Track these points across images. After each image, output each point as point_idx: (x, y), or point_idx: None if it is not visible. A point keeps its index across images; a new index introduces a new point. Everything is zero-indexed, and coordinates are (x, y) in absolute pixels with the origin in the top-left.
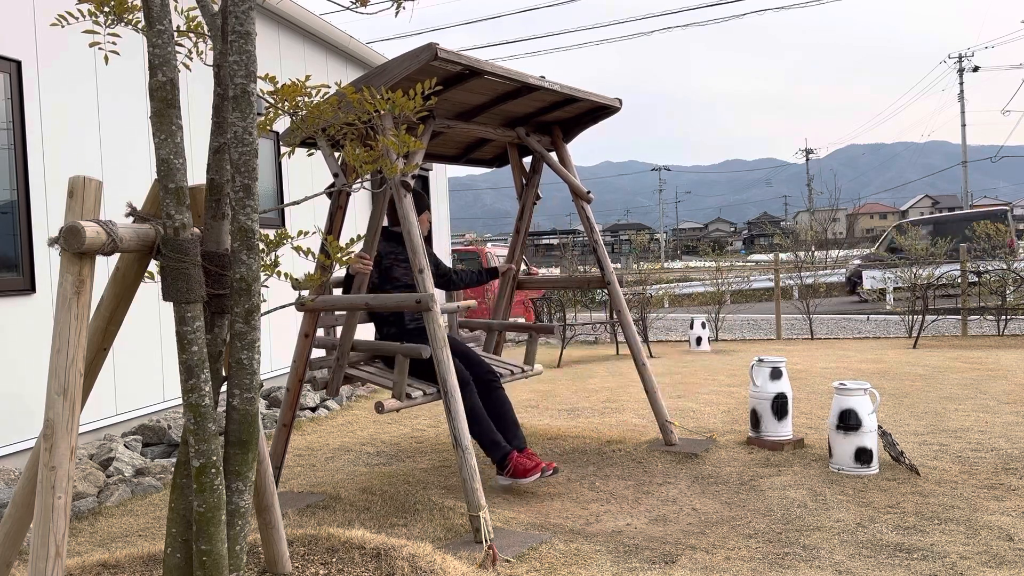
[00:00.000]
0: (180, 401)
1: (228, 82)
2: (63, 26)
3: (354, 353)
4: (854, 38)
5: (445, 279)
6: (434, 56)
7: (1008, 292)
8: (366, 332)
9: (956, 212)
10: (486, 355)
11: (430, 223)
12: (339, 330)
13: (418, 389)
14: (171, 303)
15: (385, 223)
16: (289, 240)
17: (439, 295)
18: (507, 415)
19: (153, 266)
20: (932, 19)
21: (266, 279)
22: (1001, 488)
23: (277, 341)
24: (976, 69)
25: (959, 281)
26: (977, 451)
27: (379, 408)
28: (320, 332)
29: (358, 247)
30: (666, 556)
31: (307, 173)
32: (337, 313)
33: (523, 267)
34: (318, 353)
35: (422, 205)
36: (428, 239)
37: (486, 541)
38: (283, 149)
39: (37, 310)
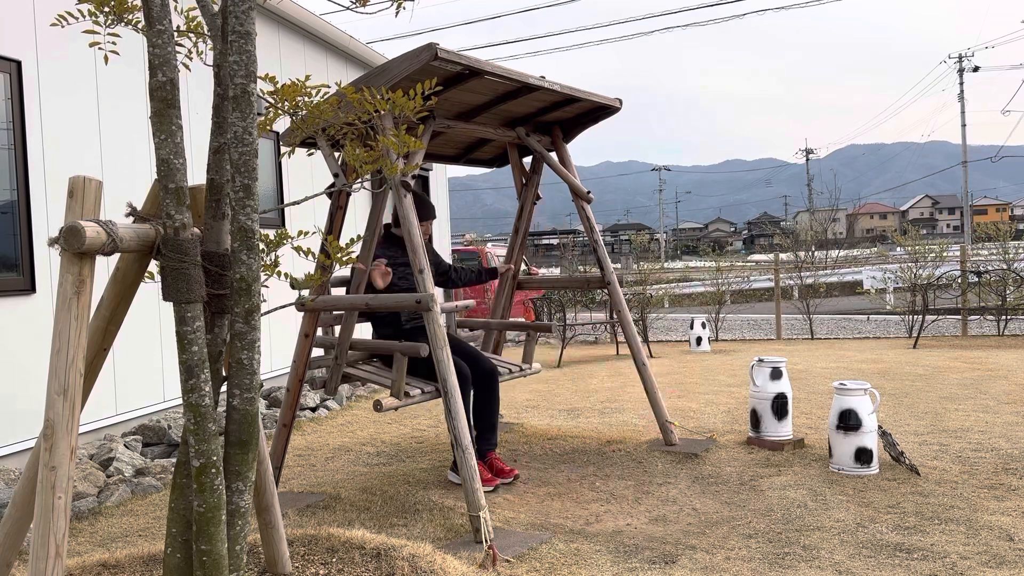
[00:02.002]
0: (180, 401)
1: (228, 82)
2: (63, 26)
3: (353, 352)
4: (854, 38)
5: (444, 277)
6: (434, 56)
7: (1008, 292)
8: (364, 331)
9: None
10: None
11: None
12: (338, 329)
13: (416, 388)
14: (171, 303)
15: (388, 223)
16: (289, 240)
17: (438, 294)
18: (492, 415)
19: (153, 266)
20: (932, 19)
21: (266, 279)
22: (1001, 488)
23: (277, 341)
24: (976, 69)
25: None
26: (977, 451)
27: (377, 407)
28: (319, 332)
29: (358, 247)
30: (666, 556)
31: (307, 173)
32: (336, 313)
33: (523, 267)
34: (317, 352)
35: (427, 213)
36: (428, 243)
37: (486, 541)
38: (283, 149)
39: (37, 310)
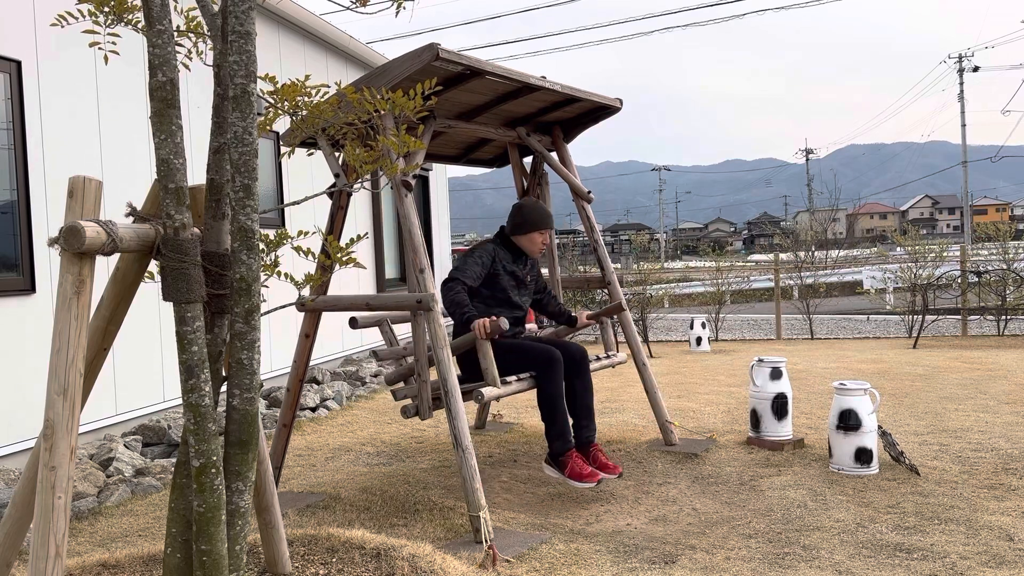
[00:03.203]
0: (180, 401)
1: (228, 82)
2: (63, 26)
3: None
4: (854, 38)
5: (539, 296)
6: (435, 56)
7: (1008, 292)
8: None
9: None
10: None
11: (544, 243)
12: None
13: (511, 377)
14: (171, 303)
15: (503, 225)
16: (289, 240)
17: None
18: (587, 398)
19: (153, 266)
20: (932, 19)
21: (266, 279)
22: (1001, 488)
23: (277, 341)
24: (976, 69)
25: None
26: (977, 451)
27: (478, 398)
28: (390, 368)
29: (358, 247)
30: (666, 556)
31: (307, 173)
32: (394, 322)
33: None
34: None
35: (543, 220)
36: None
37: (486, 541)
38: (283, 149)
39: (37, 310)
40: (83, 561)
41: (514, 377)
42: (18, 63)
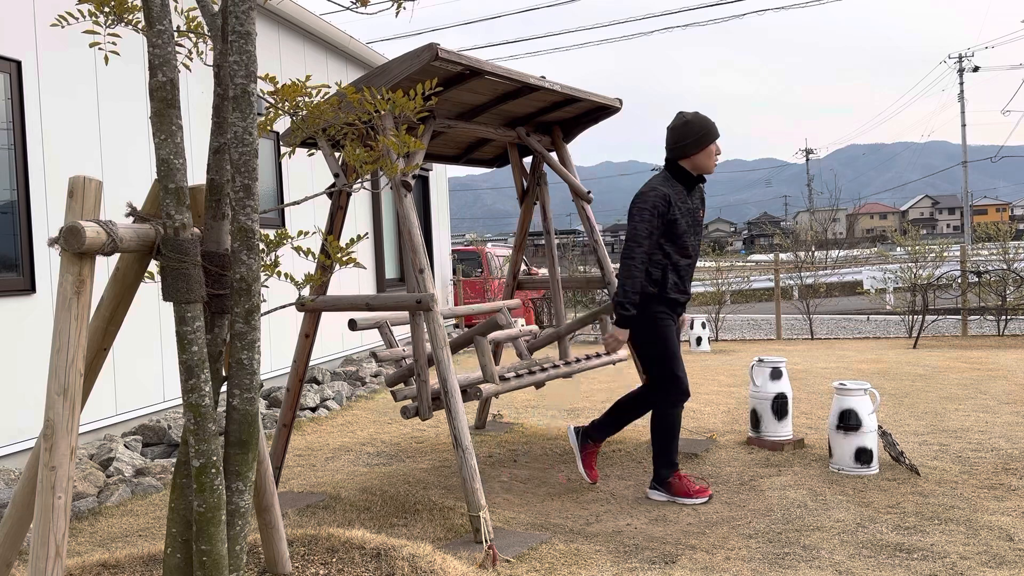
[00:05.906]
0: (180, 401)
1: (228, 82)
2: (63, 26)
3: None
4: (854, 38)
5: None
6: (435, 56)
7: (1008, 292)
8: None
9: None
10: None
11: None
12: (405, 347)
13: (511, 371)
14: (171, 303)
15: (668, 159)
16: (289, 240)
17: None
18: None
19: (153, 266)
20: (932, 19)
21: (266, 279)
22: (1001, 488)
23: (277, 341)
24: (976, 69)
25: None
26: (977, 451)
27: (477, 394)
28: (399, 369)
29: (358, 247)
30: (666, 556)
31: (307, 173)
32: (393, 324)
33: (523, 267)
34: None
35: (716, 129)
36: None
37: (486, 541)
38: (283, 149)
39: (37, 310)
40: (83, 561)
41: (512, 372)
42: (18, 63)
